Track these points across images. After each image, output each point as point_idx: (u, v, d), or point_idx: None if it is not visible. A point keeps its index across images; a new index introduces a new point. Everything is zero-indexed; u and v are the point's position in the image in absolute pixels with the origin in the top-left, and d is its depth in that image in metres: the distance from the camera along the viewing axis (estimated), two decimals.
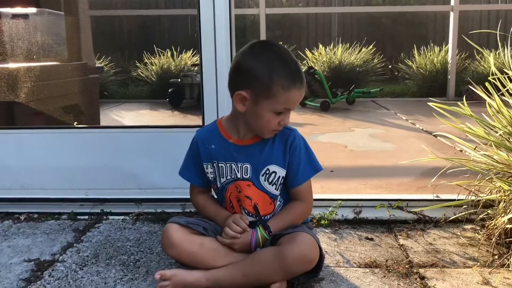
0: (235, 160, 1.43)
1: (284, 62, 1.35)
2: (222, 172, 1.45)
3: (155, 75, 6.73)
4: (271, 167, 1.42)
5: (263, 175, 1.42)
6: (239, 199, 1.45)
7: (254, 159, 1.42)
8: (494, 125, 1.79)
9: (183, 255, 1.38)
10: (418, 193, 2.20)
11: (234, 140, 1.44)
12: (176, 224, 1.40)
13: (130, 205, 2.06)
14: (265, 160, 1.42)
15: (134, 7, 7.03)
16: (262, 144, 1.43)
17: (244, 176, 1.43)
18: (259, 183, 1.43)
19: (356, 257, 1.60)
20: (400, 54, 8.07)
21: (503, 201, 1.64)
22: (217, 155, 1.45)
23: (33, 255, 1.65)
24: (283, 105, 1.34)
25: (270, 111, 1.35)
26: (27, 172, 2.15)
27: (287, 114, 1.38)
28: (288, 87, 1.32)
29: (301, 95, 1.37)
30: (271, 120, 1.36)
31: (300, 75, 1.36)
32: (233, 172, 1.44)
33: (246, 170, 1.42)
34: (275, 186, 1.44)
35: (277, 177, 1.43)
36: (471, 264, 1.54)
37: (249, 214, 1.45)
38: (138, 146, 2.11)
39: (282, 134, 1.43)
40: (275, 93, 1.32)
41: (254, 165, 1.42)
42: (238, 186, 1.44)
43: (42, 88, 3.00)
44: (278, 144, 1.43)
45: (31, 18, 3.19)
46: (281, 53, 1.37)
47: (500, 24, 2.53)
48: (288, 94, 1.33)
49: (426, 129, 4.09)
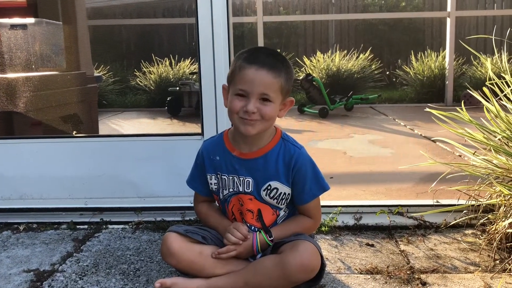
0: (238, 173, 1.42)
1: (250, 49, 1.40)
2: (225, 184, 1.45)
3: (153, 84, 6.74)
4: (272, 183, 1.41)
5: (265, 190, 1.41)
6: (241, 212, 1.45)
7: (256, 173, 1.41)
8: (493, 129, 1.79)
9: (183, 263, 1.38)
10: (418, 199, 2.19)
11: (238, 153, 1.43)
12: (175, 233, 1.40)
13: (130, 214, 2.06)
14: (267, 175, 1.41)
15: (133, 16, 7.06)
16: (265, 159, 1.41)
17: (246, 190, 1.42)
18: (261, 197, 1.42)
19: (357, 263, 1.59)
20: (398, 60, 8.10)
21: (503, 206, 1.64)
22: (221, 167, 1.45)
23: (33, 265, 1.64)
24: (239, 85, 1.34)
25: (233, 94, 1.36)
26: (26, 182, 2.14)
27: (251, 100, 1.32)
28: (243, 66, 1.33)
29: (260, 77, 1.31)
30: (234, 103, 1.35)
31: (259, 59, 1.33)
32: (235, 185, 1.43)
33: (248, 184, 1.42)
34: (277, 201, 1.43)
35: (278, 193, 1.42)
36: (473, 269, 1.53)
37: (251, 227, 1.45)
38: (137, 154, 2.11)
39: (287, 151, 1.42)
40: (234, 75, 1.36)
41: (256, 179, 1.41)
42: (240, 199, 1.44)
43: (41, 98, 3.00)
44: (282, 161, 1.41)
45: (29, 28, 3.20)
46: (258, 47, 1.41)
47: (496, 29, 2.54)
48: (242, 73, 1.33)
49: (424, 135, 4.09)
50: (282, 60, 1.38)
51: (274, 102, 1.35)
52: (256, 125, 1.35)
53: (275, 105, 1.36)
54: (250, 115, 1.33)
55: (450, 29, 6.18)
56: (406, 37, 8.90)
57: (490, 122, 1.83)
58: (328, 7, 9.39)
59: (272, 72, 1.32)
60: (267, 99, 1.34)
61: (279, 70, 1.34)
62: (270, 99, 1.34)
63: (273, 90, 1.33)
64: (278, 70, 1.34)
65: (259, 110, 1.33)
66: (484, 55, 2.24)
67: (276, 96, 1.35)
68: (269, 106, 1.34)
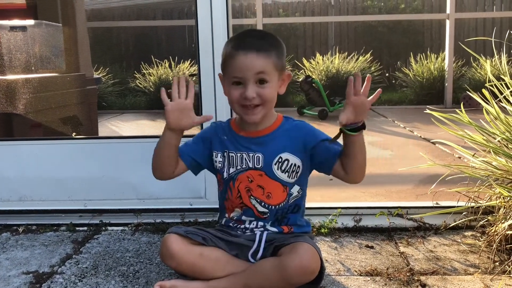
0: (247, 150, 1.43)
1: (238, 34, 1.40)
2: (233, 162, 1.45)
3: (153, 86, 6.75)
4: (283, 154, 1.42)
5: (276, 164, 1.41)
6: (249, 189, 1.44)
7: (266, 148, 1.42)
8: (492, 131, 1.79)
9: (183, 266, 1.37)
10: (418, 200, 2.19)
11: (244, 133, 1.45)
12: (175, 234, 1.39)
13: (129, 215, 2.06)
14: (277, 148, 1.42)
15: (132, 18, 7.07)
16: (273, 134, 1.43)
17: (256, 165, 1.42)
18: (272, 172, 1.42)
19: (356, 265, 1.59)
20: (397, 62, 8.12)
21: (503, 207, 1.64)
22: (229, 145, 1.46)
23: (32, 267, 1.63)
24: (233, 73, 1.34)
25: (229, 84, 1.36)
26: (25, 184, 2.14)
27: (248, 86, 1.33)
28: (232, 53, 1.34)
29: (251, 62, 1.32)
30: (232, 93, 1.36)
31: (246, 43, 1.34)
32: (245, 162, 1.43)
33: (258, 159, 1.42)
34: (288, 174, 1.42)
35: (289, 165, 1.42)
36: (472, 271, 1.53)
37: (261, 203, 1.44)
38: (137, 156, 2.11)
39: (292, 124, 1.46)
40: (226, 63, 1.37)
41: (267, 154, 1.42)
42: (249, 175, 1.43)
43: (40, 100, 3.00)
44: (289, 133, 1.43)
45: (29, 30, 3.20)
46: (244, 31, 1.42)
47: (495, 31, 2.55)
48: (233, 61, 1.34)
49: (424, 137, 4.09)
50: (271, 39, 1.39)
51: (271, 81, 1.36)
52: (259, 111, 1.37)
53: (272, 84, 1.36)
54: (251, 100, 1.33)
55: (449, 31, 6.19)
56: (406, 39, 8.90)
57: (490, 124, 1.83)
58: (327, 9, 9.40)
59: (261, 53, 1.33)
60: (264, 81, 1.34)
61: (267, 50, 1.35)
62: (266, 79, 1.35)
63: (267, 71, 1.34)
64: (266, 50, 1.34)
65: (258, 94, 1.34)
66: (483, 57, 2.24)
67: (271, 75, 1.35)
68: (267, 87, 1.35)
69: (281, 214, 1.45)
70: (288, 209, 1.46)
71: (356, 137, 1.35)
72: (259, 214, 1.45)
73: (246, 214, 1.46)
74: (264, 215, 1.45)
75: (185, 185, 2.04)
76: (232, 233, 1.47)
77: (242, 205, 1.45)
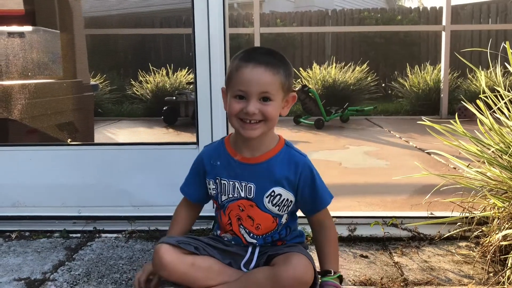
0: (239, 178, 1.39)
1: (247, 49, 1.38)
2: (224, 190, 1.42)
3: (150, 93, 6.75)
4: (276, 189, 1.38)
5: (268, 197, 1.38)
6: (239, 218, 1.42)
7: (259, 179, 1.38)
8: (487, 142, 1.80)
9: (175, 276, 1.36)
10: (413, 210, 2.19)
11: (240, 157, 1.40)
12: (166, 244, 1.37)
13: (123, 222, 2.05)
14: (270, 181, 1.38)
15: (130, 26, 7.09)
16: (268, 164, 1.38)
17: (248, 196, 1.39)
18: (263, 204, 1.39)
19: (351, 275, 1.58)
20: (394, 72, 8.16)
21: (497, 218, 1.65)
22: (222, 172, 1.42)
23: (24, 274, 1.62)
24: (237, 86, 1.30)
25: (232, 97, 1.33)
26: (19, 190, 2.13)
27: (250, 101, 1.29)
28: (239, 66, 1.31)
29: (257, 76, 1.28)
30: (233, 106, 1.31)
31: (255, 57, 1.31)
32: (237, 191, 1.40)
33: (250, 190, 1.39)
34: (278, 208, 1.40)
35: (281, 200, 1.39)
36: (466, 281, 1.53)
37: (249, 233, 1.43)
38: (132, 163, 2.11)
39: (292, 158, 1.39)
40: (231, 76, 1.33)
41: (259, 185, 1.38)
42: (241, 205, 1.40)
43: (36, 106, 2.99)
44: (286, 167, 1.38)
45: (27, 36, 3.21)
46: (254, 47, 1.41)
47: (491, 43, 2.57)
48: (239, 73, 1.30)
49: (419, 147, 4.11)
50: (279, 57, 1.35)
51: (275, 100, 1.31)
52: (258, 127, 1.32)
53: (276, 104, 1.32)
54: (251, 116, 1.29)
55: (445, 43, 6.24)
56: (402, 50, 8.98)
57: (484, 135, 1.84)
58: (325, 19, 9.48)
59: (269, 69, 1.29)
60: (268, 98, 1.30)
61: (276, 66, 1.31)
62: (270, 97, 1.30)
63: (273, 88, 1.30)
64: (275, 66, 1.30)
65: (260, 110, 1.30)
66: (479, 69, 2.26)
67: (276, 93, 1.31)
68: (271, 105, 1.30)
69: (272, 240, 1.44)
70: (280, 235, 1.45)
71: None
72: (246, 243, 1.44)
73: (235, 240, 1.45)
74: (251, 244, 1.44)
75: (180, 193, 2.03)
76: (226, 242, 1.46)
77: (232, 232, 1.44)
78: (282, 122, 5.90)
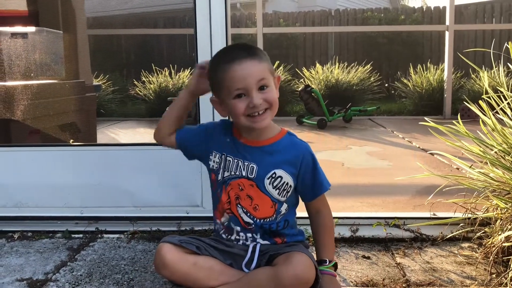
0: (243, 158, 1.42)
1: (219, 53, 1.41)
2: (228, 166, 1.44)
3: (153, 94, 6.76)
4: (278, 171, 1.41)
5: (269, 178, 1.41)
6: (238, 197, 1.43)
7: (262, 160, 1.41)
8: (490, 143, 1.79)
9: (177, 275, 1.37)
10: (415, 211, 2.19)
11: (244, 140, 1.44)
12: (168, 243, 1.38)
13: (125, 223, 2.05)
14: (273, 163, 1.41)
15: (133, 26, 7.10)
16: (271, 147, 1.42)
17: (249, 175, 1.41)
18: (263, 185, 1.41)
19: (353, 275, 1.58)
20: (397, 72, 8.15)
21: (500, 219, 1.64)
22: (228, 149, 1.45)
23: (26, 274, 1.62)
24: (234, 86, 1.33)
25: (231, 99, 1.35)
26: (22, 190, 2.13)
27: (251, 94, 1.32)
28: (226, 68, 1.33)
29: (249, 69, 1.32)
30: (237, 106, 1.34)
31: (235, 54, 1.34)
32: (239, 169, 1.42)
33: (252, 169, 1.41)
34: (279, 192, 1.41)
35: (282, 182, 1.41)
36: (469, 283, 1.52)
37: (246, 213, 1.43)
38: (134, 163, 2.11)
39: (294, 144, 1.44)
40: (221, 82, 1.35)
41: (261, 166, 1.41)
42: (241, 183, 1.42)
43: (39, 106, 3.00)
44: (288, 152, 1.42)
45: (30, 37, 3.22)
46: (224, 47, 1.45)
47: (494, 43, 2.56)
48: (230, 75, 1.33)
49: (422, 147, 4.10)
50: (253, 47, 1.40)
51: (270, 85, 1.36)
52: (267, 115, 1.36)
53: (272, 88, 1.37)
54: (259, 108, 1.33)
55: (448, 43, 6.22)
56: (405, 50, 8.95)
57: (487, 136, 1.83)
58: (327, 19, 9.47)
59: (254, 58, 1.34)
60: (265, 85, 1.34)
61: (257, 55, 1.36)
62: (267, 84, 1.35)
63: (265, 74, 1.34)
64: (256, 55, 1.36)
65: (263, 99, 1.34)
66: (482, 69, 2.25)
67: (269, 78, 1.36)
68: (269, 91, 1.35)
69: (269, 229, 1.44)
70: (278, 225, 1.45)
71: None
72: (244, 224, 1.44)
73: (232, 221, 1.45)
74: (249, 226, 1.43)
75: (182, 193, 2.04)
76: (227, 243, 1.46)
77: (229, 211, 1.45)
78: (285, 122, 5.90)
